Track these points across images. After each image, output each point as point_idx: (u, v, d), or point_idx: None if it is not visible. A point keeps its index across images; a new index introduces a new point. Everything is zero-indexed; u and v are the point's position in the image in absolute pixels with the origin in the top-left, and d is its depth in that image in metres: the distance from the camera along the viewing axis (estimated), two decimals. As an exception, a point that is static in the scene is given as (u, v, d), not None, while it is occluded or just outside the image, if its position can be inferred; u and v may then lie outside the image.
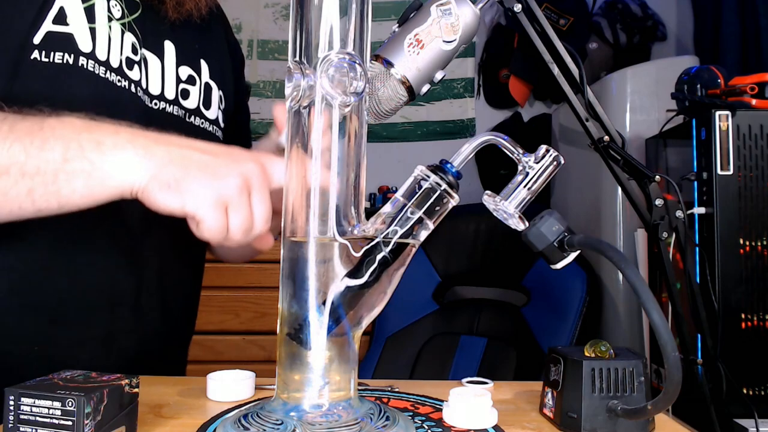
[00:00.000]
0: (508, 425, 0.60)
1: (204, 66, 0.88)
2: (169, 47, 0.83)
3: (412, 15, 0.69)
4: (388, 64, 0.67)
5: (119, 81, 0.75)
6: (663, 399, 0.50)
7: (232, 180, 0.58)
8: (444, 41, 0.68)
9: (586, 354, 0.60)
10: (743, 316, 1.16)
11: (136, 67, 0.77)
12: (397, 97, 0.68)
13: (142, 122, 0.64)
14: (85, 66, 0.71)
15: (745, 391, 1.14)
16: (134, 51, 0.77)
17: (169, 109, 0.82)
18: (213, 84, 0.89)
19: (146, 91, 0.79)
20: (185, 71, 0.84)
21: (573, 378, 0.58)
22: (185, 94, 0.84)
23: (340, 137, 0.52)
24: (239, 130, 0.97)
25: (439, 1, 0.69)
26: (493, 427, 0.58)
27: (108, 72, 0.73)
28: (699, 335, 1.13)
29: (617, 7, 2.39)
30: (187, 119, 0.84)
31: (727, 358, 1.10)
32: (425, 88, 0.70)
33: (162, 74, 0.81)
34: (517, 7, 0.88)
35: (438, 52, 0.68)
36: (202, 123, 0.86)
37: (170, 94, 0.82)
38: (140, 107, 0.77)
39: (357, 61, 0.52)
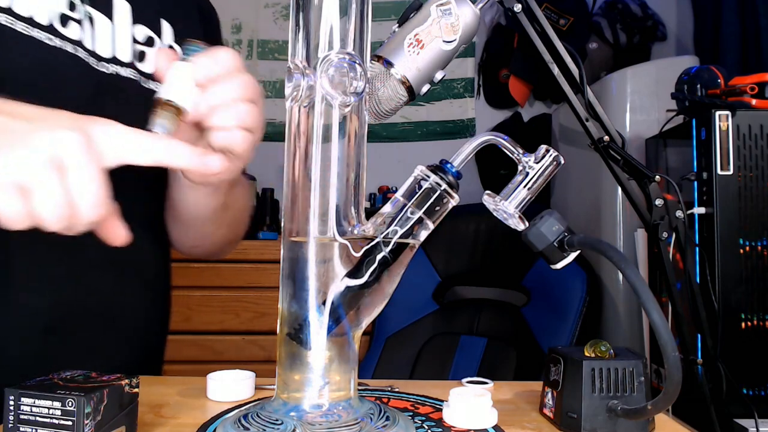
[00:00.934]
0: (508, 425, 0.60)
1: (166, 27, 0.78)
2: (120, 4, 0.74)
3: (412, 15, 0.69)
4: (388, 64, 0.67)
5: (50, 40, 0.66)
6: (663, 399, 0.50)
7: (37, 154, 0.45)
8: (444, 41, 0.68)
9: (586, 354, 0.60)
10: (743, 316, 1.16)
11: (75, 25, 0.69)
12: (397, 97, 0.68)
13: (89, 86, 0.58)
14: (2, 22, 0.63)
15: (745, 391, 1.14)
16: (71, 7, 0.69)
17: (124, 72, 0.73)
18: (179, 49, 0.80)
19: (93, 53, 0.70)
20: (142, 31, 0.75)
21: (573, 378, 0.58)
22: (142, 56, 0.75)
23: (340, 137, 0.52)
24: None
25: (439, 1, 0.69)
26: (493, 427, 0.58)
27: (35, 29, 0.65)
28: (699, 335, 1.13)
29: (617, 7, 2.39)
30: (144, 84, 0.74)
31: (727, 358, 1.10)
32: (425, 88, 0.70)
33: (113, 34, 0.72)
34: (517, 7, 0.89)
35: (438, 52, 0.68)
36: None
37: (124, 56, 0.73)
38: (84, 70, 0.68)
39: (357, 61, 0.52)
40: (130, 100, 0.72)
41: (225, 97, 0.56)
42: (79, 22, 0.69)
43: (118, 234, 0.51)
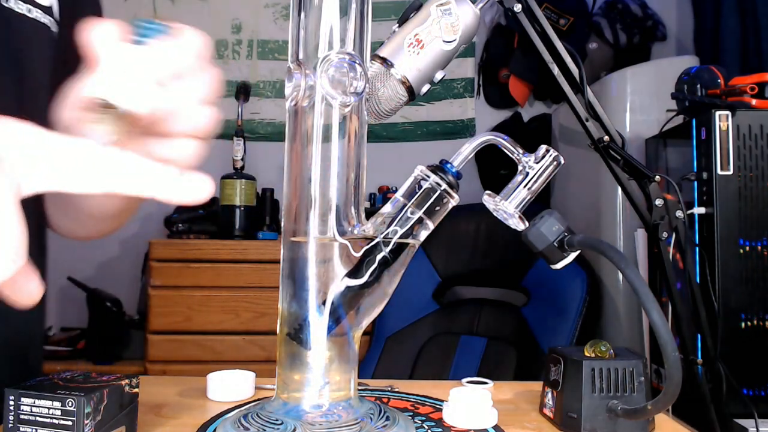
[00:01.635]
0: (508, 425, 0.60)
1: None
2: None
3: (412, 15, 0.69)
4: (388, 64, 0.67)
5: None
6: (663, 399, 0.50)
7: None
8: (444, 41, 0.68)
9: (586, 354, 0.60)
10: (743, 316, 1.16)
11: None
12: (397, 97, 0.68)
13: None
14: None
15: (745, 391, 1.14)
16: None
17: None
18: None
19: None
20: None
21: (573, 378, 0.58)
22: None
23: (340, 137, 0.52)
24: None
25: (439, 1, 0.69)
26: (493, 427, 0.58)
27: None
28: (699, 335, 1.13)
29: (617, 7, 2.39)
30: (3, 3, 0.59)
31: (727, 358, 1.10)
32: (425, 88, 0.70)
33: None
34: (517, 7, 0.89)
35: (438, 52, 0.68)
36: (30, 11, 0.61)
37: None
38: None
39: (357, 61, 0.52)
40: None
41: (190, 99, 0.43)
42: None
43: (30, 291, 0.34)
